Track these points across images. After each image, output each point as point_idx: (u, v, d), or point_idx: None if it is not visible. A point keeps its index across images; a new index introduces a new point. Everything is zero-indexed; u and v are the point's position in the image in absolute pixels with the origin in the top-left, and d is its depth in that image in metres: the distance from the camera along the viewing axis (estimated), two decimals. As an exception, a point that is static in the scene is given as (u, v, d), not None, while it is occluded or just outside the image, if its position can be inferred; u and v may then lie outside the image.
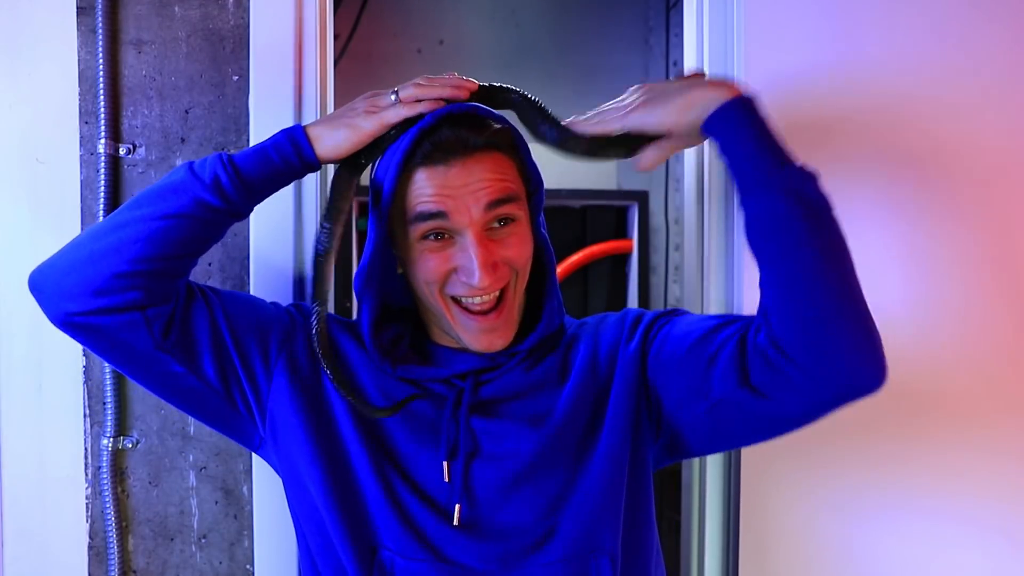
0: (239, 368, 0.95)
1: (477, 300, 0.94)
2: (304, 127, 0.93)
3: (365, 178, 1.00)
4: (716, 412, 0.93)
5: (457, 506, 0.93)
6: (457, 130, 0.91)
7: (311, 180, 1.23)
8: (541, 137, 0.99)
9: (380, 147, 0.95)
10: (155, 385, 0.96)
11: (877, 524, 1.30)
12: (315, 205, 1.23)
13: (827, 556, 1.31)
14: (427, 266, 0.93)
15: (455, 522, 0.92)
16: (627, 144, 0.97)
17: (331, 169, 1.27)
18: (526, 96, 1.00)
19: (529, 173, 0.98)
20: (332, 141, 0.92)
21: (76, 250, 0.91)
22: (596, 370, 1.00)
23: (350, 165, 0.97)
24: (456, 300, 0.95)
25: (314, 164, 0.93)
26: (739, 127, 0.90)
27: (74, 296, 0.88)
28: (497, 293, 0.94)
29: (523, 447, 0.95)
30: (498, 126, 0.94)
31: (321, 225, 0.95)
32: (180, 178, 0.91)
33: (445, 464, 0.94)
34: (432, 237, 0.93)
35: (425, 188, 0.91)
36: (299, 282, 1.23)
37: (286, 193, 1.21)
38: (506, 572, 0.92)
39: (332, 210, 0.95)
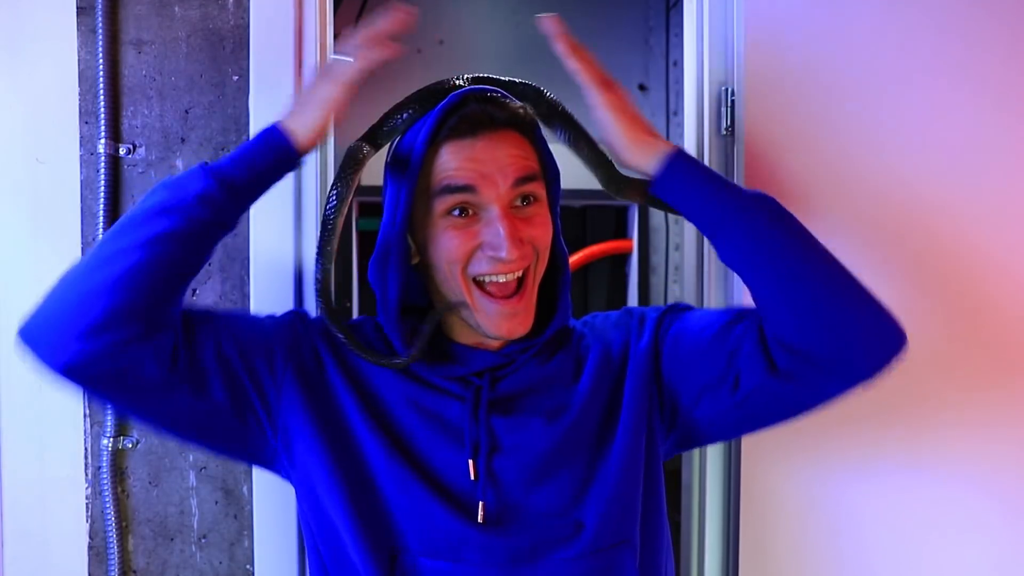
0: (248, 385, 0.94)
1: (501, 279, 0.93)
2: (279, 123, 0.91)
3: (365, 179, 1.00)
4: (748, 402, 0.95)
5: (481, 503, 0.93)
6: (484, 105, 0.92)
7: (311, 180, 1.23)
8: (555, 130, 1.00)
9: (398, 128, 0.95)
10: (168, 420, 0.94)
11: (881, 524, 1.30)
12: (315, 205, 1.23)
13: (828, 556, 1.31)
14: (452, 243, 0.92)
15: (480, 519, 0.92)
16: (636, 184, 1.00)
17: (330, 165, 1.27)
18: (538, 90, 1.00)
19: (546, 161, 0.98)
20: (304, 124, 0.91)
21: (65, 292, 0.86)
22: (609, 367, 1.00)
23: (369, 140, 0.96)
24: (478, 284, 0.94)
25: (296, 155, 0.91)
26: (686, 181, 0.93)
27: (71, 340, 0.84)
28: (519, 275, 0.94)
29: (541, 440, 0.95)
30: (521, 109, 0.95)
31: (332, 186, 0.94)
32: (163, 199, 0.88)
33: (471, 463, 0.93)
34: (457, 213, 0.92)
35: (451, 161, 0.91)
36: (299, 279, 1.23)
37: (286, 193, 1.21)
38: (533, 566, 0.92)
39: (344, 176, 0.94)
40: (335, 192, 0.94)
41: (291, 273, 1.22)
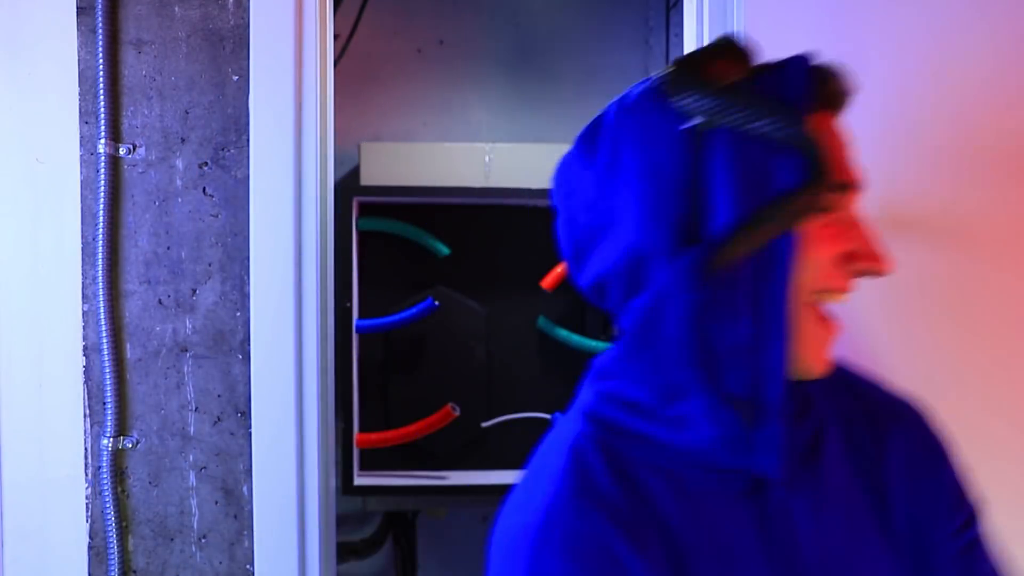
0: None
1: (841, 299, 0.69)
2: None
3: (364, 178, 0.99)
4: None
5: None
6: (844, 82, 0.74)
7: (311, 180, 1.23)
8: None
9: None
10: None
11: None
12: (315, 205, 1.23)
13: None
14: (826, 250, 0.66)
15: None
16: None
17: (330, 165, 1.27)
18: None
19: None
20: None
21: None
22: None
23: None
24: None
25: None
26: None
27: None
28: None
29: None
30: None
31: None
32: None
33: None
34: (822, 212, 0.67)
35: (831, 145, 0.69)
36: (299, 279, 1.23)
37: (286, 193, 1.21)
38: None
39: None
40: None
41: (291, 273, 1.22)
